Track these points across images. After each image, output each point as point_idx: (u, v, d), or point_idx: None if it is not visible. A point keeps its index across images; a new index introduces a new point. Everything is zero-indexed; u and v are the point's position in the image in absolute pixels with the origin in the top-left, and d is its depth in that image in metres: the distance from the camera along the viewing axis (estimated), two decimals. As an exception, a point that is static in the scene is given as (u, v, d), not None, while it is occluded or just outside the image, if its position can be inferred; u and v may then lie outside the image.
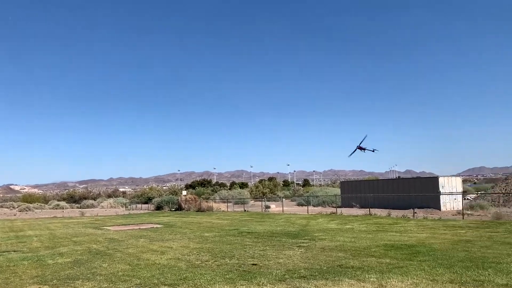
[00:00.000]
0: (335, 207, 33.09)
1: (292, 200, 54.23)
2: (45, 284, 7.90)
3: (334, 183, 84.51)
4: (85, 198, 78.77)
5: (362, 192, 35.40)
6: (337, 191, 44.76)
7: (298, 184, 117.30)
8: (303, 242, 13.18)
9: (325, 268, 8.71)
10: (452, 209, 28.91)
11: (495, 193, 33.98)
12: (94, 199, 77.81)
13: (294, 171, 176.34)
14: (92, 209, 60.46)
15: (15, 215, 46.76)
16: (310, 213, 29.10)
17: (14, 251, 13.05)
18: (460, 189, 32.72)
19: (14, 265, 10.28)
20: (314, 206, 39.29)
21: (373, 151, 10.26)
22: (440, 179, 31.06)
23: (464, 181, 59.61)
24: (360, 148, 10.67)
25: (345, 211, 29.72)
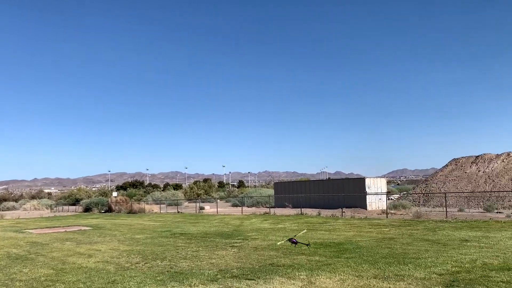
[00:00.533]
0: (268, 207, 33.65)
1: (227, 201, 54.32)
2: (-44, 293, 7.28)
3: (268, 184, 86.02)
4: (5, 200, 73.16)
5: (294, 192, 36.30)
6: (271, 191, 45.57)
7: (233, 185, 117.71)
8: (236, 242, 13.27)
9: (257, 267, 8.83)
10: (377, 208, 30.54)
11: (416, 193, 36.48)
12: (16, 200, 72.58)
13: (230, 172, 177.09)
14: (13, 211, 56.36)
15: None
16: (244, 214, 29.34)
17: None
18: (385, 190, 34.69)
19: None
20: (248, 206, 39.65)
21: (307, 245, 10.61)
22: (367, 180, 32.71)
23: (388, 182, 63.37)
24: (292, 241, 10.91)
25: (278, 211, 30.33)
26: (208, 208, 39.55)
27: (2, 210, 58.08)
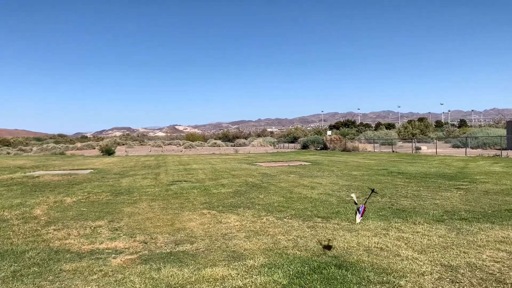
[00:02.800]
0: (499, 149, 29.66)
1: (446, 142, 50.22)
2: (213, 209, 8.94)
3: (497, 123, 75.21)
4: (238, 138, 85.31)
5: (534, 133, 30.82)
6: (501, 132, 39.82)
7: (453, 125, 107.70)
8: (461, 185, 12.24)
9: (489, 211, 8.00)
10: None
11: None
12: (245, 138, 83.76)
13: (449, 110, 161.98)
14: (244, 147, 65.24)
15: (181, 151, 53.27)
16: (468, 155, 26.70)
17: (185, 181, 14.95)
18: None
19: (186, 193, 11.82)
20: (472, 148, 35.83)
21: (372, 190, 8.32)
22: None
23: None
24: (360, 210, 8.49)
25: (512, 154, 26.41)
26: (425, 148, 37.37)
27: (236, 146, 67.92)
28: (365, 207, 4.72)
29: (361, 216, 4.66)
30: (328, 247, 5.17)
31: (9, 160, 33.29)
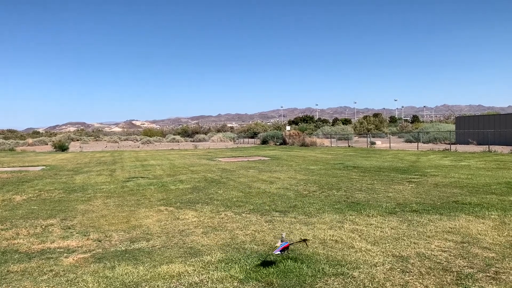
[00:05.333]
0: (448, 143, 31.10)
1: (399, 137, 52.10)
2: (171, 206, 8.83)
3: (447, 119, 78.91)
4: (197, 133, 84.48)
5: (480, 128, 32.55)
6: (451, 127, 41.78)
7: (406, 120, 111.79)
8: (413, 178, 12.74)
9: (439, 203, 8.37)
10: None
11: None
12: (205, 133, 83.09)
13: (402, 106, 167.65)
14: (204, 142, 64.80)
15: (138, 147, 52.14)
16: (420, 150, 27.83)
17: (142, 177, 14.67)
18: None
19: (143, 189, 11.60)
20: (424, 142, 37.38)
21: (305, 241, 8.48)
22: None
23: None
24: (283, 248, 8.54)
25: (460, 148, 27.77)
26: (380, 143, 38.60)
27: (196, 141, 67.33)
28: (288, 246, 4.81)
29: (280, 251, 4.71)
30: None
31: (-48, 157, 31.35)
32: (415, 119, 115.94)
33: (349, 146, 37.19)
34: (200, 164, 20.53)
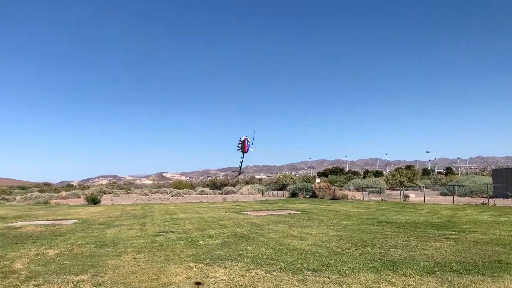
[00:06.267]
0: (486, 197, 29.91)
1: (433, 190, 50.58)
2: (200, 263, 8.71)
3: (483, 171, 76.23)
4: (226, 185, 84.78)
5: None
6: (488, 180, 40.30)
7: (439, 172, 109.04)
8: (451, 234, 12.20)
9: (480, 262, 7.93)
10: None
11: None
12: (234, 185, 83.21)
13: (435, 158, 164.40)
14: (232, 195, 64.73)
15: (168, 199, 52.59)
16: (456, 204, 26.81)
17: (171, 232, 14.66)
18: None
19: (172, 244, 11.55)
20: (460, 196, 36.04)
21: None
22: None
23: None
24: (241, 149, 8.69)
25: (499, 201, 26.58)
26: (413, 196, 37.48)
27: (224, 193, 67.42)
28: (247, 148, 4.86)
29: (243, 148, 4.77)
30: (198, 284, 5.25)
31: (-9, 209, 32.41)
32: (449, 171, 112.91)
33: (382, 199, 36.29)
34: (229, 218, 20.40)
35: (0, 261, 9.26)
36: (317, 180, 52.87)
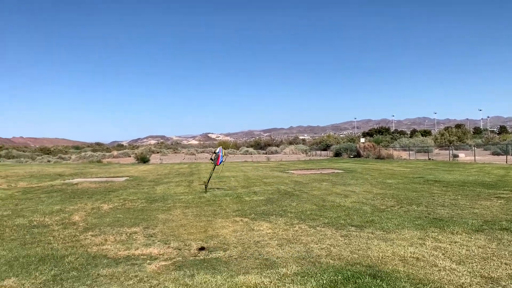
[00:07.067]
0: (542, 156, 28.37)
1: (485, 149, 48.47)
2: (246, 217, 8.97)
3: (541, 129, 71.83)
4: (269, 145, 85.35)
5: None
6: (546, 138, 38.05)
7: (492, 131, 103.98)
8: (502, 193, 11.78)
9: (533, 222, 7.65)
10: None
11: None
12: (277, 146, 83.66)
13: (488, 117, 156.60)
14: (276, 155, 65.20)
15: (213, 159, 53.77)
16: (509, 163, 25.65)
17: (217, 189, 15.08)
18: None
19: (219, 200, 11.91)
20: (514, 155, 34.41)
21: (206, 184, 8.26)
22: None
23: None
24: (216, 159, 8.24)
25: (557, 161, 25.18)
26: (463, 156, 36.19)
27: (268, 153, 67.97)
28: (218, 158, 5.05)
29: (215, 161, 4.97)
30: (202, 248, 5.45)
31: (49, 167, 34.59)
32: (502, 130, 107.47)
33: (429, 159, 35.33)
34: (273, 176, 20.66)
35: (60, 213, 9.96)
36: (362, 139, 52.04)
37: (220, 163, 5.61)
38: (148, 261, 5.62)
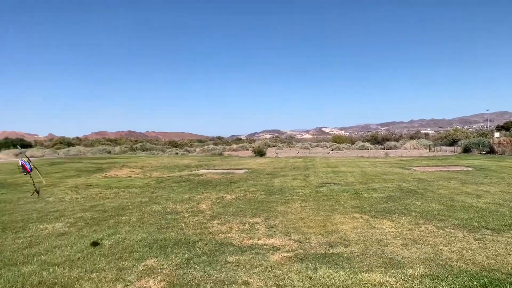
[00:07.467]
0: None
1: None
2: (365, 214, 8.72)
3: None
4: (388, 140, 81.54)
5: None
6: None
7: None
8: None
9: None
10: None
11: None
12: (397, 140, 79.57)
13: None
14: (395, 150, 62.09)
15: (328, 153, 53.31)
16: None
17: (334, 184, 14.92)
18: None
19: (336, 195, 11.78)
20: None
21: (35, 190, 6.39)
22: None
23: None
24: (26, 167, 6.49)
25: None
26: None
27: (386, 149, 65.10)
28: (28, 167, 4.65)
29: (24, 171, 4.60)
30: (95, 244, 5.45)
31: (177, 159, 37.74)
32: None
33: None
34: (393, 172, 19.72)
35: (189, 202, 10.81)
36: (496, 134, 46.90)
37: (30, 169, 5.75)
38: (271, 251, 5.80)
